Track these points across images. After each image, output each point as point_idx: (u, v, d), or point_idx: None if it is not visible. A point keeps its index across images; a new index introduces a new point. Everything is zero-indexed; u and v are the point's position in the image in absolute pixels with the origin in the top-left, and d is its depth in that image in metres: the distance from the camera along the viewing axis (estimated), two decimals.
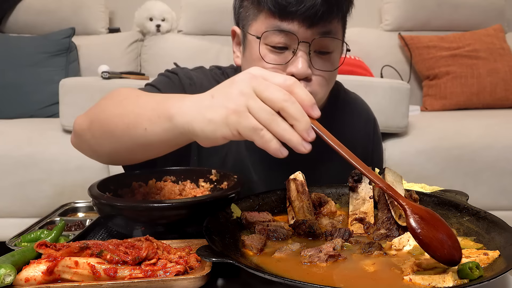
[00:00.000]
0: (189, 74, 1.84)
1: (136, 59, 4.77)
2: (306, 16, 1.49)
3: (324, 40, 1.56)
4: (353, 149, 1.91)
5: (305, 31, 1.52)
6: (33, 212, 3.26)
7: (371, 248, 1.14)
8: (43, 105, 4.15)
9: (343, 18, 1.64)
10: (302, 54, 1.54)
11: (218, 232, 1.19)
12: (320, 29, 1.53)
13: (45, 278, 1.02)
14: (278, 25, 1.53)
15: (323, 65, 1.59)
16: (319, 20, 1.51)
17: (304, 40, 1.53)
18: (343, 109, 1.94)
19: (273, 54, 1.58)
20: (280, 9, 1.51)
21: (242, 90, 1.03)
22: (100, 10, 4.93)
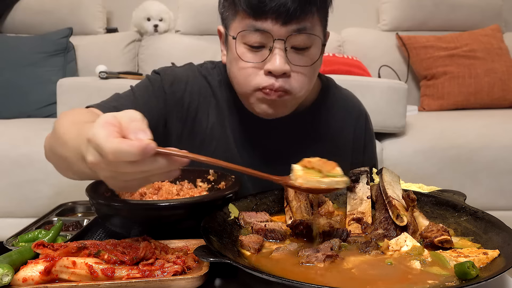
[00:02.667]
0: (174, 73, 1.87)
1: (133, 59, 4.76)
2: (279, 14, 1.51)
3: (300, 36, 1.57)
4: (344, 146, 1.92)
5: (279, 28, 1.54)
6: (31, 212, 3.25)
7: (368, 248, 1.14)
8: (41, 105, 4.14)
9: (321, 11, 1.63)
10: (278, 51, 1.56)
11: (215, 232, 1.19)
12: (294, 25, 1.54)
13: (43, 278, 1.02)
14: (253, 24, 1.55)
15: (301, 60, 1.61)
16: (292, 17, 1.52)
17: (279, 38, 1.55)
18: (333, 106, 1.94)
19: (251, 53, 1.60)
20: (253, 9, 1.53)
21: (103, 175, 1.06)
22: (97, 10, 4.92)
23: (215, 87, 1.86)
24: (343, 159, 1.90)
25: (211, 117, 1.83)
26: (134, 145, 0.98)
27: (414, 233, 1.23)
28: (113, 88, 3.35)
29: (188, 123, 1.82)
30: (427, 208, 1.40)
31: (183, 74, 1.87)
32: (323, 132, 1.91)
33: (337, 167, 1.19)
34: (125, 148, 0.98)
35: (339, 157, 1.88)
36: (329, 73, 3.85)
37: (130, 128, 1.03)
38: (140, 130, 1.03)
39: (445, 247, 1.16)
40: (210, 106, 1.84)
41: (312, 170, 1.18)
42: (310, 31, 1.59)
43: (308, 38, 1.59)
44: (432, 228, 1.20)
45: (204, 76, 1.87)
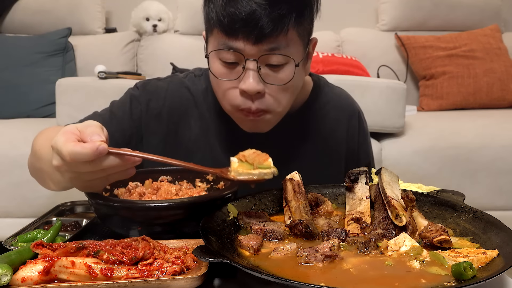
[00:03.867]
0: (153, 88, 1.87)
1: (132, 59, 4.76)
2: (249, 33, 1.49)
3: (273, 55, 1.54)
4: (337, 145, 1.91)
5: (251, 48, 1.51)
6: (30, 212, 3.26)
7: (367, 248, 1.14)
8: (40, 105, 4.14)
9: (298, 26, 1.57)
10: (251, 71, 1.54)
11: (214, 232, 1.19)
12: (266, 45, 1.52)
13: (42, 278, 1.02)
14: (226, 42, 1.53)
15: (276, 79, 1.58)
16: (264, 37, 1.50)
17: (250, 58, 1.53)
18: (326, 105, 1.93)
19: (226, 70, 1.58)
20: (224, 27, 1.52)
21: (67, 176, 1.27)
22: (96, 10, 4.92)
23: (199, 97, 1.84)
24: (337, 159, 1.91)
25: (194, 129, 1.83)
26: (87, 147, 1.17)
27: (413, 233, 1.23)
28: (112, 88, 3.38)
29: (170, 137, 1.82)
30: (426, 208, 1.40)
31: (163, 88, 1.87)
32: (315, 132, 1.90)
33: (269, 159, 1.31)
34: (79, 149, 1.16)
35: (332, 156, 1.89)
36: (328, 73, 3.87)
37: (86, 133, 1.21)
38: (94, 133, 1.21)
39: (444, 247, 1.16)
40: (192, 118, 1.83)
41: (246, 163, 1.30)
42: (284, 50, 1.55)
43: (282, 57, 1.55)
44: (431, 228, 1.20)
45: (187, 88, 1.87)
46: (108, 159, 1.20)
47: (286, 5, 1.50)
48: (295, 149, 1.85)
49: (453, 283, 0.98)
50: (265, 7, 1.47)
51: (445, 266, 1.05)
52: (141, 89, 1.87)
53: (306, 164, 1.82)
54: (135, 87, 1.89)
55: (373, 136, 3.57)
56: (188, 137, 1.82)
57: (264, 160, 1.30)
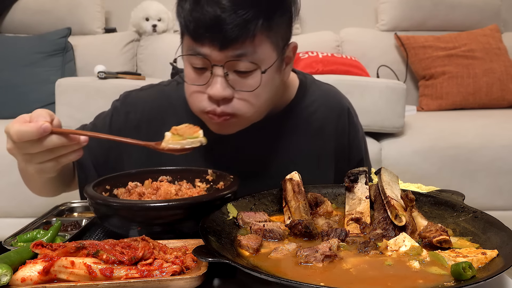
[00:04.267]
0: (133, 100, 1.88)
1: (132, 59, 4.76)
2: (214, 39, 1.47)
3: (240, 62, 1.51)
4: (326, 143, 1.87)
5: (217, 54, 1.49)
6: (29, 212, 3.25)
7: (367, 248, 1.14)
8: (39, 105, 4.12)
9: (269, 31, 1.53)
10: (218, 77, 1.52)
11: (214, 232, 1.19)
12: (232, 52, 1.49)
13: (41, 278, 1.02)
14: (194, 47, 1.52)
15: (244, 84, 1.55)
16: (229, 43, 1.47)
17: (216, 64, 1.51)
18: (313, 103, 1.89)
19: (195, 75, 1.57)
20: (191, 33, 1.50)
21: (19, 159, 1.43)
22: (96, 10, 4.92)
23: (178, 105, 1.82)
24: (326, 157, 1.88)
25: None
26: (31, 125, 1.28)
27: (412, 233, 1.23)
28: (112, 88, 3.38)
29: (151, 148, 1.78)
30: (426, 208, 1.40)
31: (142, 99, 1.87)
32: (302, 131, 1.86)
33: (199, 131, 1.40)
34: (24, 128, 1.27)
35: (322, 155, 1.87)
36: (328, 73, 3.87)
37: (32, 116, 1.34)
38: (40, 116, 1.34)
39: (443, 247, 1.16)
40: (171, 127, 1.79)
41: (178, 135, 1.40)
42: (251, 57, 1.51)
43: (249, 63, 1.52)
44: (431, 228, 1.20)
45: (166, 96, 1.86)
46: (52, 138, 1.30)
47: (252, 10, 1.46)
48: (281, 148, 1.82)
49: (452, 283, 0.98)
50: (230, 12, 1.44)
51: (445, 266, 1.05)
52: (121, 101, 1.89)
53: (293, 163, 1.81)
54: (118, 99, 1.91)
55: (372, 136, 3.58)
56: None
57: (194, 132, 1.40)
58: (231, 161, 1.75)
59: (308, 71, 3.90)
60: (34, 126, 1.27)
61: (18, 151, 1.36)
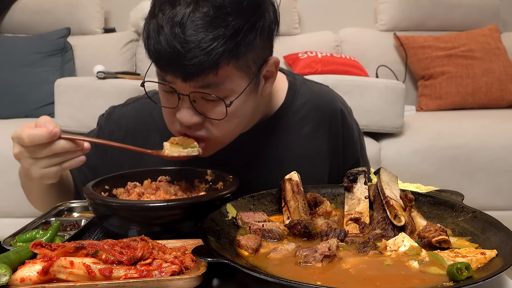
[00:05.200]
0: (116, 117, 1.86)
1: (131, 59, 4.76)
2: (175, 72, 1.42)
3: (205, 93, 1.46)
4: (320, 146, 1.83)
5: (181, 85, 1.44)
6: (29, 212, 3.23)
7: (366, 248, 1.14)
8: (39, 105, 4.14)
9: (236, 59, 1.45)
10: (186, 104, 1.48)
11: (213, 232, 1.19)
12: (196, 83, 1.43)
13: (40, 278, 1.02)
14: (161, 74, 1.48)
15: (212, 112, 1.50)
16: (190, 77, 1.42)
17: (181, 93, 1.46)
18: (304, 107, 1.82)
19: (165, 97, 1.54)
20: (155, 63, 1.47)
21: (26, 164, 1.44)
22: (95, 10, 4.92)
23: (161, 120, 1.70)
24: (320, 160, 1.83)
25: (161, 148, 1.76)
26: (43, 129, 1.34)
27: (412, 233, 1.23)
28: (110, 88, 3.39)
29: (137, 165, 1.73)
30: (425, 208, 1.40)
31: (125, 116, 1.85)
32: (294, 136, 1.81)
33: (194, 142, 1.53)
34: (36, 132, 1.34)
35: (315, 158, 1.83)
36: (327, 73, 3.88)
37: (39, 122, 1.40)
38: (47, 121, 1.39)
39: (442, 247, 1.16)
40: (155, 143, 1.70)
41: (177, 145, 1.52)
42: (216, 88, 1.45)
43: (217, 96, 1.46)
44: (430, 228, 1.20)
45: (149, 112, 1.81)
46: (60, 142, 1.37)
47: (214, 43, 1.39)
48: (273, 153, 1.79)
49: (452, 283, 0.98)
50: (190, 47, 1.38)
51: (444, 266, 1.05)
52: (105, 119, 1.87)
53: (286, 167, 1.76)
54: (103, 115, 1.91)
55: (371, 136, 3.58)
56: (154, 162, 1.72)
57: (191, 142, 1.53)
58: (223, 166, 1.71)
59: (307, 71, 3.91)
60: (45, 130, 1.33)
61: (26, 155, 1.41)
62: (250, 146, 1.76)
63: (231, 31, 1.40)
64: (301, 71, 3.95)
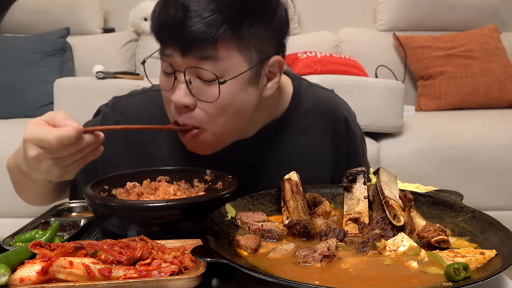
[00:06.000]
0: (123, 107, 1.80)
1: (130, 59, 4.77)
2: (175, 43, 1.43)
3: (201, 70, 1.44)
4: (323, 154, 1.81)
5: (179, 59, 1.44)
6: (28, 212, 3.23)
7: (365, 248, 1.14)
8: (38, 105, 4.14)
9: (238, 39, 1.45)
10: (180, 83, 1.47)
11: (212, 232, 1.19)
12: (193, 58, 1.43)
13: (40, 278, 1.02)
14: (162, 51, 1.49)
15: (206, 94, 1.47)
16: (189, 49, 1.41)
17: (178, 69, 1.46)
18: (308, 114, 1.81)
19: (164, 79, 1.53)
20: (157, 35, 1.47)
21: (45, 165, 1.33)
22: (94, 10, 4.92)
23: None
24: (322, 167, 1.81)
25: (165, 149, 1.75)
26: (71, 129, 1.24)
27: (411, 233, 1.23)
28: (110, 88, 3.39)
29: (142, 159, 1.74)
30: (424, 208, 1.40)
31: (132, 107, 1.79)
32: (297, 142, 1.79)
33: None
34: (64, 133, 1.23)
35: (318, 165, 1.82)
36: (326, 73, 3.87)
37: (57, 119, 1.28)
38: (66, 118, 1.28)
39: (442, 247, 1.16)
40: (162, 139, 1.74)
41: None
42: (213, 64, 1.43)
43: (214, 69, 1.44)
44: (429, 228, 1.20)
45: (157, 105, 1.75)
46: (85, 137, 1.29)
47: (216, 14, 1.40)
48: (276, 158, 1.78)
49: (451, 283, 0.98)
50: (193, 16, 1.39)
51: (443, 266, 1.05)
52: (110, 108, 1.81)
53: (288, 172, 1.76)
54: (107, 105, 1.84)
55: (371, 136, 3.58)
56: (159, 158, 1.74)
57: None
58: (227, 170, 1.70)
59: (306, 71, 3.91)
60: (73, 130, 1.25)
61: (46, 157, 1.29)
62: (254, 151, 1.74)
63: (234, 7, 1.42)
64: (300, 71, 3.95)
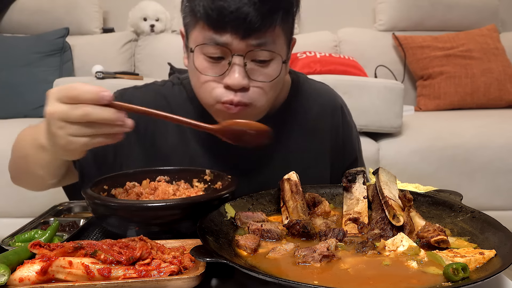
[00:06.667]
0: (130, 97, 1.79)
1: (130, 59, 4.76)
2: (238, 27, 1.47)
3: (259, 51, 1.53)
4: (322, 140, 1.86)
5: (238, 42, 1.49)
6: (27, 212, 3.25)
7: (364, 248, 1.14)
8: (37, 105, 4.13)
9: (284, 24, 1.56)
10: (237, 66, 1.52)
11: (212, 232, 1.19)
12: (254, 40, 1.50)
13: (39, 278, 1.02)
14: (212, 37, 1.51)
15: (261, 75, 1.56)
16: (252, 32, 1.48)
17: (238, 53, 1.51)
18: (306, 101, 1.89)
19: (210, 65, 1.55)
20: (212, 21, 1.49)
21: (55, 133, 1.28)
22: (94, 10, 4.92)
23: (176, 106, 1.79)
24: (322, 156, 1.87)
25: (172, 138, 1.78)
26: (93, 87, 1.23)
27: (410, 233, 1.23)
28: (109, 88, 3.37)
29: (147, 147, 1.77)
30: (424, 208, 1.40)
31: (139, 99, 1.80)
32: (297, 132, 1.86)
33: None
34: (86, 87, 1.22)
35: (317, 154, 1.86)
36: (326, 73, 3.88)
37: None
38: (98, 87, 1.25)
39: (441, 247, 1.16)
40: (169, 127, 1.77)
41: None
42: (271, 47, 1.54)
43: (268, 53, 1.54)
44: (429, 228, 1.20)
45: (163, 96, 1.82)
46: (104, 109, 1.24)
47: (275, 1, 1.50)
48: (278, 149, 1.81)
49: (450, 283, 0.98)
50: (254, 2, 1.45)
51: (443, 266, 1.05)
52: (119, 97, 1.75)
53: (291, 163, 1.79)
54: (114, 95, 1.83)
55: (370, 136, 3.58)
56: (166, 147, 1.77)
57: None
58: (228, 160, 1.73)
59: (306, 71, 3.90)
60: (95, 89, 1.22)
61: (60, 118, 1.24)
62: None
63: None
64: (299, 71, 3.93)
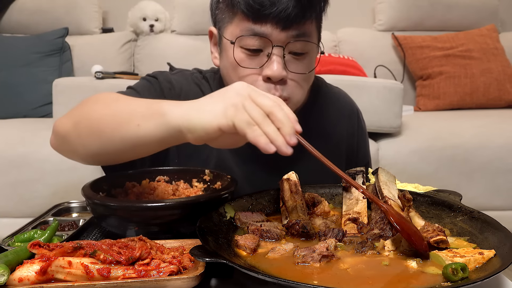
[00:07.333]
0: (168, 78, 1.80)
1: (129, 59, 4.76)
2: (279, 18, 1.50)
3: (298, 42, 1.56)
4: (338, 144, 1.88)
5: (278, 34, 1.52)
6: (27, 212, 3.25)
7: (364, 248, 1.15)
8: (37, 105, 4.14)
9: (317, 18, 1.62)
10: (277, 57, 1.55)
11: (211, 232, 1.19)
12: (294, 31, 1.53)
13: (39, 278, 1.02)
14: (252, 28, 1.53)
15: (298, 67, 1.59)
16: (292, 23, 1.51)
17: (278, 44, 1.54)
18: (324, 105, 1.92)
19: (248, 58, 1.57)
20: (253, 12, 1.51)
21: (238, 92, 1.15)
22: (93, 10, 4.92)
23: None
24: (338, 159, 1.88)
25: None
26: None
27: None
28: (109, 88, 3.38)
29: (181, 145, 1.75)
30: (423, 208, 1.40)
31: (177, 80, 1.81)
32: (317, 133, 1.85)
33: None
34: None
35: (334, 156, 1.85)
36: (325, 73, 3.87)
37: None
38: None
39: (441, 247, 1.16)
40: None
41: None
42: (309, 38, 1.58)
43: (306, 45, 1.58)
44: (428, 228, 1.20)
45: (197, 85, 1.83)
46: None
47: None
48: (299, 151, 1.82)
49: (449, 283, 0.98)
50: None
51: (442, 266, 1.05)
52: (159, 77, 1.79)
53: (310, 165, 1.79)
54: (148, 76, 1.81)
55: (370, 136, 3.56)
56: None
57: None
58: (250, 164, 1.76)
59: None
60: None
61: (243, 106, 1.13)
62: None
63: None
64: None
